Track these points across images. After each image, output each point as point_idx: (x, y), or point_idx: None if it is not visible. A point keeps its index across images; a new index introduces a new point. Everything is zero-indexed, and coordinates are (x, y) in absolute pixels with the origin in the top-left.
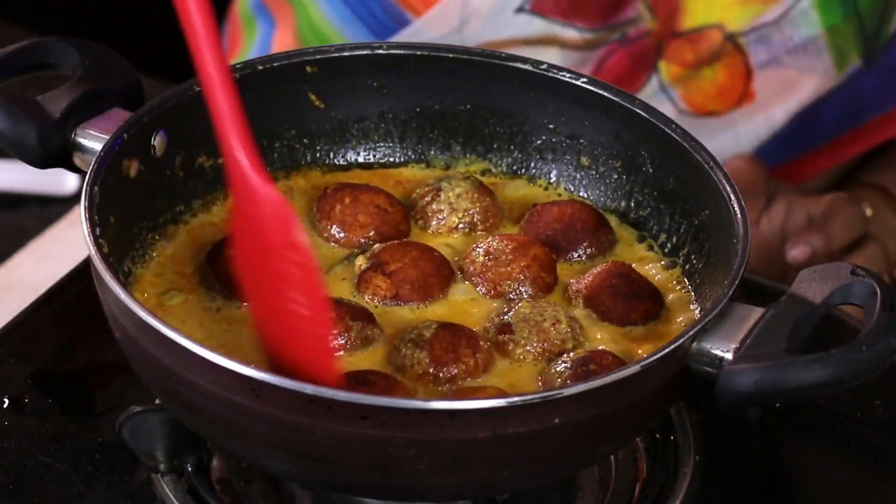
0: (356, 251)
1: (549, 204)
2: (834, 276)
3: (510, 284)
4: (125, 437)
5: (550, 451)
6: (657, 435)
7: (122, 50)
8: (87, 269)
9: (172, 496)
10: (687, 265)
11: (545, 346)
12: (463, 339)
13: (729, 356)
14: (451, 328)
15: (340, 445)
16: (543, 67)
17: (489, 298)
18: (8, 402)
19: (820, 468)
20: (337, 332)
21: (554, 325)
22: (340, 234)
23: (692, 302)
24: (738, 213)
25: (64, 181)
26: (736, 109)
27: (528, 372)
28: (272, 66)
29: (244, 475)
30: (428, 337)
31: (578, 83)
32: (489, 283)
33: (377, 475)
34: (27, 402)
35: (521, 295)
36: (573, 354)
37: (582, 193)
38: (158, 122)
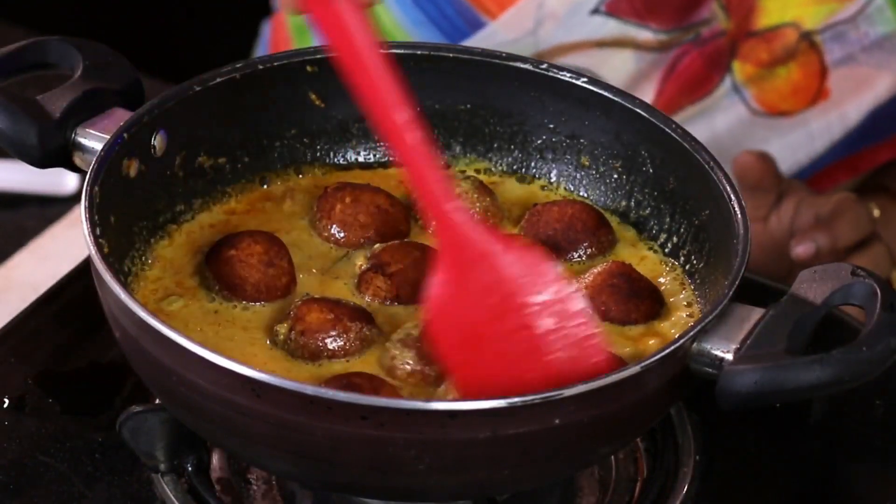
0: (355, 251)
1: (549, 204)
2: (834, 276)
3: None
4: (125, 436)
5: (550, 451)
6: (657, 435)
7: (122, 50)
8: (87, 269)
9: (172, 496)
10: (687, 265)
11: None
12: None
13: (729, 356)
14: None
15: (340, 445)
16: (543, 67)
17: None
18: (8, 401)
19: (820, 468)
20: (335, 332)
21: None
22: (340, 233)
23: (692, 302)
24: (738, 213)
25: (64, 181)
26: (809, 108)
27: None
28: (272, 65)
29: (244, 475)
30: (416, 335)
31: (579, 83)
32: None
33: (377, 475)
34: (27, 401)
35: None
36: None
37: (582, 193)
38: (158, 121)
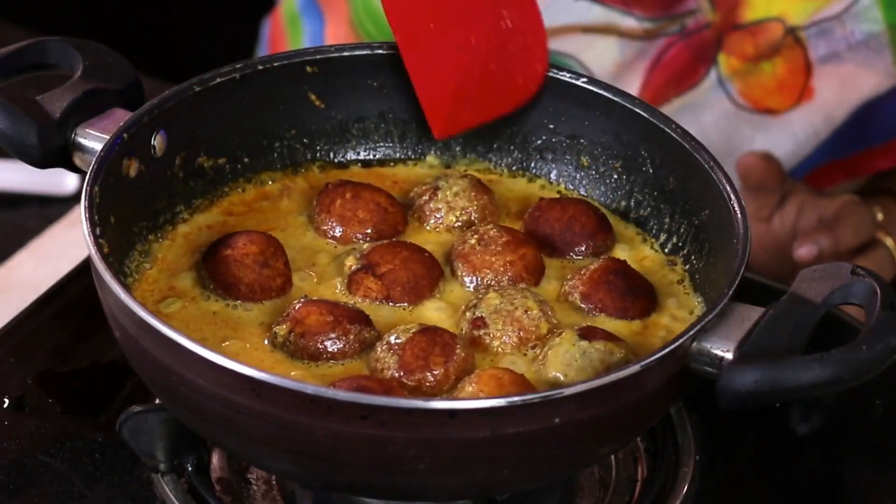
0: (348, 249)
1: (553, 200)
2: (834, 275)
3: (488, 273)
4: (125, 436)
5: (550, 451)
6: (657, 435)
7: (122, 50)
8: (87, 269)
9: (172, 496)
10: (687, 265)
11: (521, 335)
12: (438, 345)
13: (729, 356)
14: (429, 333)
15: (341, 445)
16: None
17: (471, 288)
18: (8, 401)
19: (820, 468)
20: (335, 335)
21: (526, 312)
22: (338, 228)
23: (692, 301)
24: (738, 213)
25: (64, 181)
26: (794, 108)
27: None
28: (272, 66)
29: (244, 475)
30: (402, 341)
31: (578, 83)
32: (470, 266)
33: (377, 475)
34: (27, 401)
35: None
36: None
37: (582, 193)
38: (158, 121)
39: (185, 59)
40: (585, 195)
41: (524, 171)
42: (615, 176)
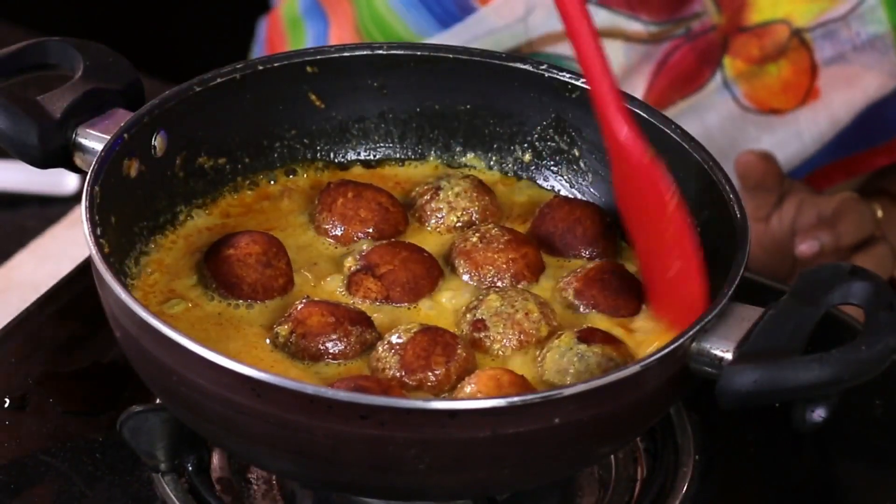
0: (348, 250)
1: (564, 200)
2: (833, 275)
3: (490, 271)
4: (126, 436)
5: (550, 451)
6: (657, 435)
7: (122, 50)
8: (87, 269)
9: (173, 496)
10: None
11: (522, 337)
12: (439, 345)
13: (729, 356)
14: (430, 332)
15: (341, 445)
16: (543, 67)
17: (472, 283)
18: (9, 401)
19: (820, 468)
20: (336, 336)
21: (526, 314)
22: (339, 227)
23: None
24: (737, 213)
25: (64, 181)
26: (800, 108)
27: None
28: (272, 66)
29: (244, 475)
30: (404, 341)
31: (579, 83)
32: (472, 263)
33: (377, 475)
34: (28, 401)
35: (495, 285)
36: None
37: (584, 195)
38: (159, 122)
39: (185, 59)
40: (584, 197)
41: (524, 171)
42: None
